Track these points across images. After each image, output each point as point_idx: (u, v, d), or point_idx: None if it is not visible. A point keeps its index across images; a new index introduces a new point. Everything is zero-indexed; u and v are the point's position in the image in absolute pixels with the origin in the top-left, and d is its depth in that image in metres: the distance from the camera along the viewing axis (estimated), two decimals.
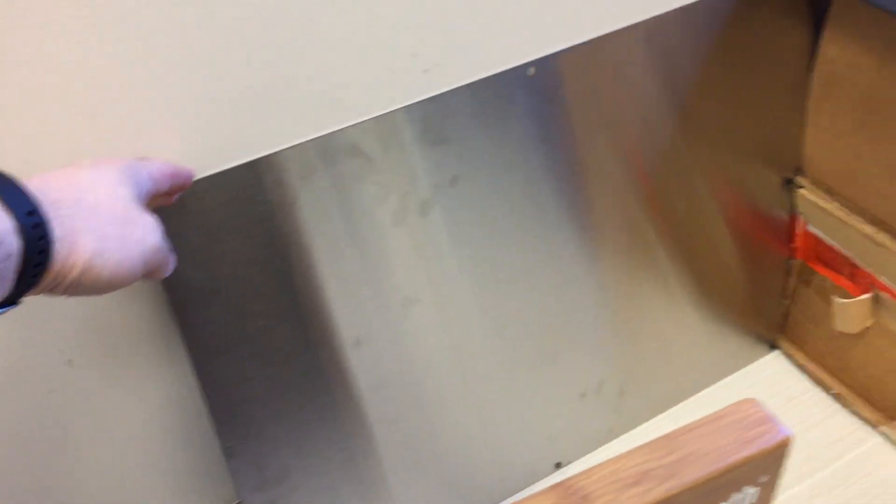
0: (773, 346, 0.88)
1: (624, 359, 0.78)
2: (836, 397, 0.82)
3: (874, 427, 0.79)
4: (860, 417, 0.80)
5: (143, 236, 0.41)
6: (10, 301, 0.37)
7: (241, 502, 0.65)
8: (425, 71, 0.57)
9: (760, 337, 0.87)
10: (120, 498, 0.68)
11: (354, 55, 0.55)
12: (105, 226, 0.39)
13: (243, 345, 0.60)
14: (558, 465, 0.80)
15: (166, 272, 0.46)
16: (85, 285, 0.39)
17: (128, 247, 0.40)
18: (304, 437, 0.65)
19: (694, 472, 0.38)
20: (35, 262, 0.36)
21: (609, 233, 0.72)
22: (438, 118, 0.59)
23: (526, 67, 0.61)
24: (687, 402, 0.84)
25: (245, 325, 0.60)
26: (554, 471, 0.80)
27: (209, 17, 0.49)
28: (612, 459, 0.39)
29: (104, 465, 0.65)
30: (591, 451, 0.80)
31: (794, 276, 0.83)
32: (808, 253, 0.80)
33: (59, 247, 0.37)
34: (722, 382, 0.86)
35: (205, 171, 0.53)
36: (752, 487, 0.41)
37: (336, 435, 0.66)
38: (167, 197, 0.51)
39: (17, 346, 0.56)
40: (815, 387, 0.84)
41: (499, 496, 0.76)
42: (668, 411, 0.84)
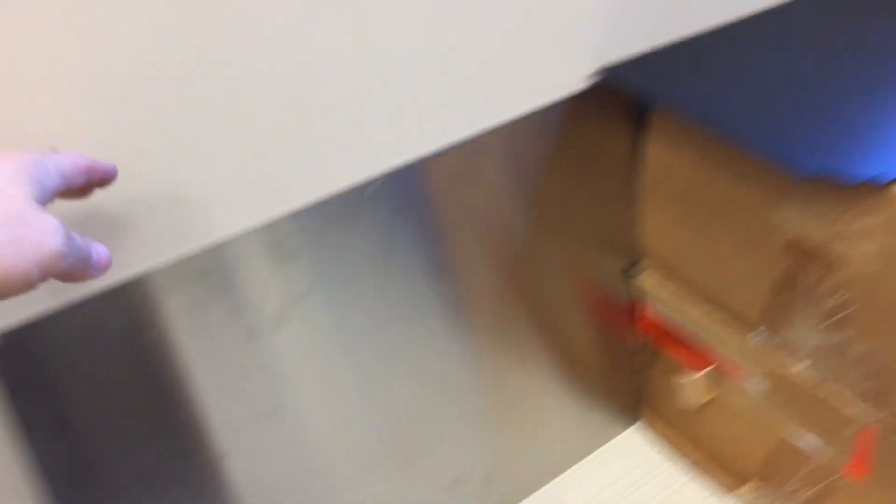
0: (635, 419, 0.93)
1: (491, 445, 0.81)
2: (693, 465, 0.88)
3: (729, 491, 0.84)
4: (716, 483, 0.86)
5: (37, 240, 0.37)
6: None
7: None
8: (271, 193, 0.59)
9: (621, 412, 0.92)
10: None
11: (201, 184, 0.56)
12: None
13: (102, 471, 0.60)
14: None
15: (89, 273, 0.42)
16: None
17: (21, 251, 0.36)
18: None
19: None
20: None
21: (476, 322, 0.76)
22: (287, 236, 0.61)
23: (371, 182, 0.64)
24: (554, 481, 0.88)
25: (104, 451, 0.59)
26: None
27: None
28: None
29: None
30: None
31: (644, 353, 0.89)
32: (654, 332, 0.86)
33: None
34: (588, 458, 0.90)
35: (57, 301, 0.53)
36: None
37: None
38: (82, 192, 0.47)
39: None
40: (674, 456, 0.90)
41: None
42: (537, 492, 0.86)
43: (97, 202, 0.51)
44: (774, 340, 0.71)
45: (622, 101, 0.74)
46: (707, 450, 0.86)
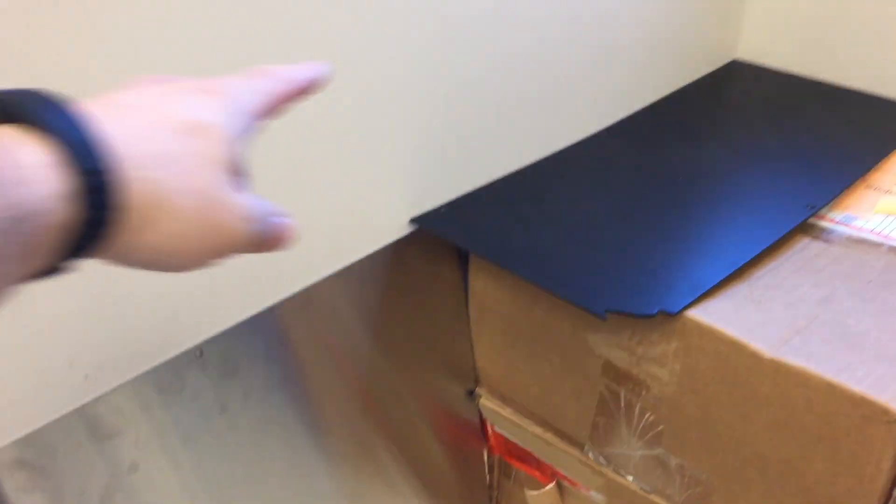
0: None
1: None
2: None
3: None
4: None
5: (222, 228, 0.32)
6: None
7: None
8: (86, 377, 0.59)
9: None
10: None
11: (10, 375, 0.56)
12: (184, 203, 0.30)
13: None
14: None
15: (271, 249, 0.35)
16: (135, 263, 0.31)
17: (202, 236, 0.31)
18: None
19: None
20: (84, 234, 0.27)
21: (339, 447, 0.78)
22: (106, 415, 0.61)
23: (205, 342, 0.65)
24: None
25: None
26: None
27: None
28: None
29: None
30: None
31: (495, 469, 0.92)
32: (501, 449, 0.89)
33: (122, 224, 0.28)
34: None
35: None
36: None
37: None
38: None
39: None
40: None
41: None
42: None
43: None
44: (603, 456, 0.76)
45: (443, 242, 0.79)
46: None
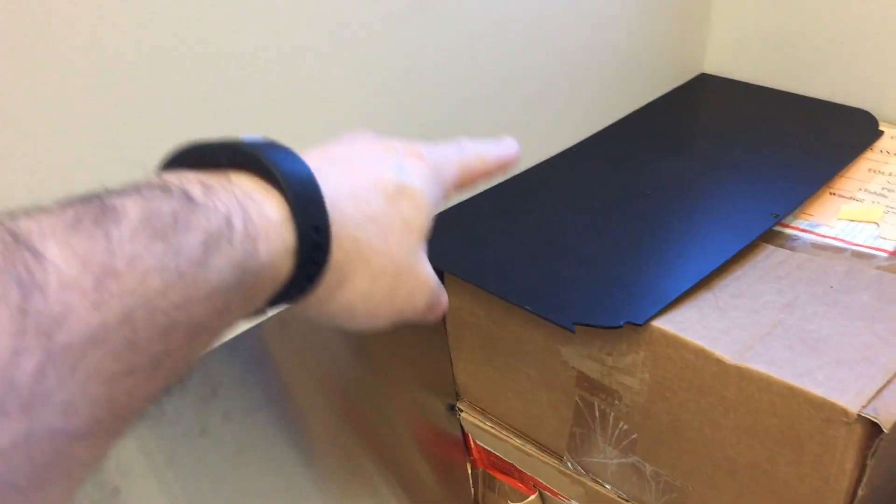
0: None
1: None
2: None
3: None
4: None
5: (410, 294, 0.33)
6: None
7: None
8: None
9: None
10: None
11: None
12: (382, 265, 0.30)
13: None
14: None
15: (432, 320, 0.37)
16: (322, 316, 0.31)
17: (392, 299, 0.32)
18: None
19: None
20: (293, 286, 0.28)
21: (324, 465, 0.79)
22: None
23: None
24: None
25: None
26: None
27: None
28: None
29: None
30: None
31: (479, 482, 0.93)
32: (484, 463, 0.91)
33: (327, 278, 0.29)
34: None
35: None
36: None
37: None
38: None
39: None
40: None
41: None
42: None
43: None
44: (581, 466, 0.77)
45: None
46: None
